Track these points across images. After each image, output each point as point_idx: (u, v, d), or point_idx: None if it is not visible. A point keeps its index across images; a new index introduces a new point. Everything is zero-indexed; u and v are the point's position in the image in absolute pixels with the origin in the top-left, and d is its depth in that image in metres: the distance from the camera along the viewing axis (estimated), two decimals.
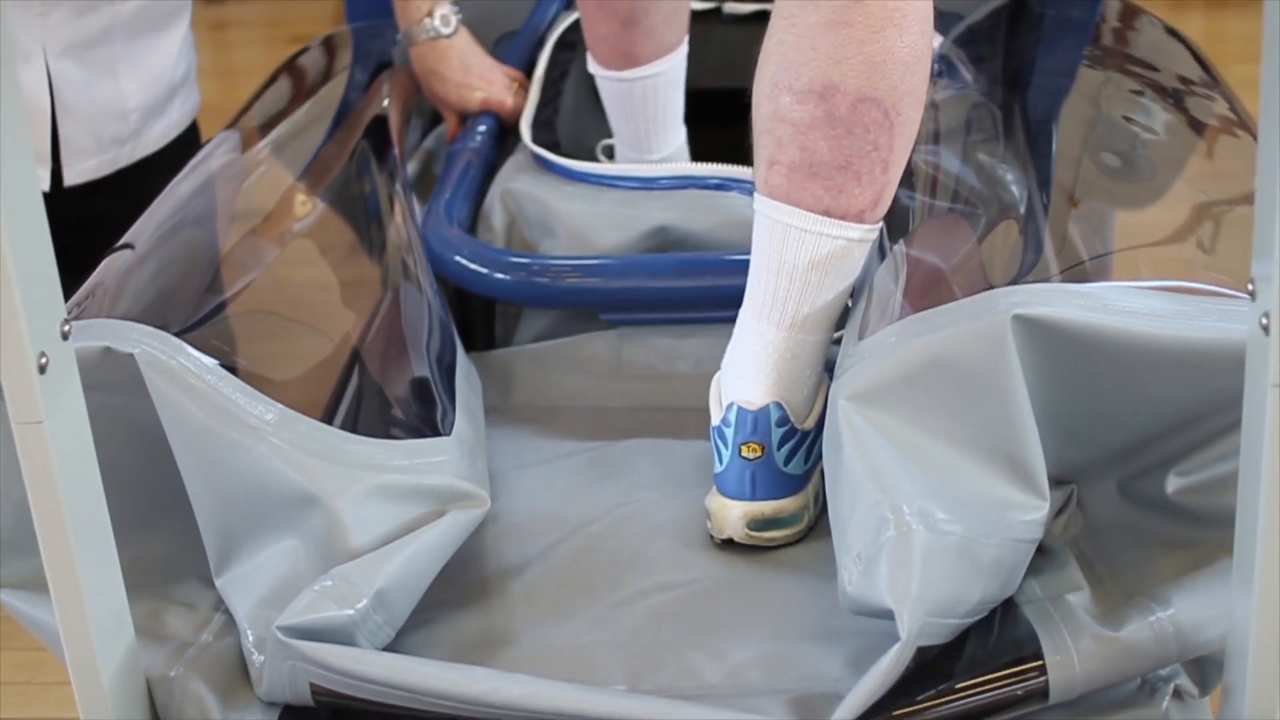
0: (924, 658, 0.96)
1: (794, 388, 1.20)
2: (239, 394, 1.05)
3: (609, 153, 1.74)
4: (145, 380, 1.03)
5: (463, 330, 1.51)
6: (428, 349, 1.27)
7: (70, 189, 1.77)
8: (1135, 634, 0.98)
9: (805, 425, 1.20)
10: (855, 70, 1.20)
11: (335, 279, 1.33)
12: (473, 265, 1.46)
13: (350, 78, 1.77)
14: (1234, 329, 0.93)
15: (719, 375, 1.24)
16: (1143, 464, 1.04)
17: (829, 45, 1.21)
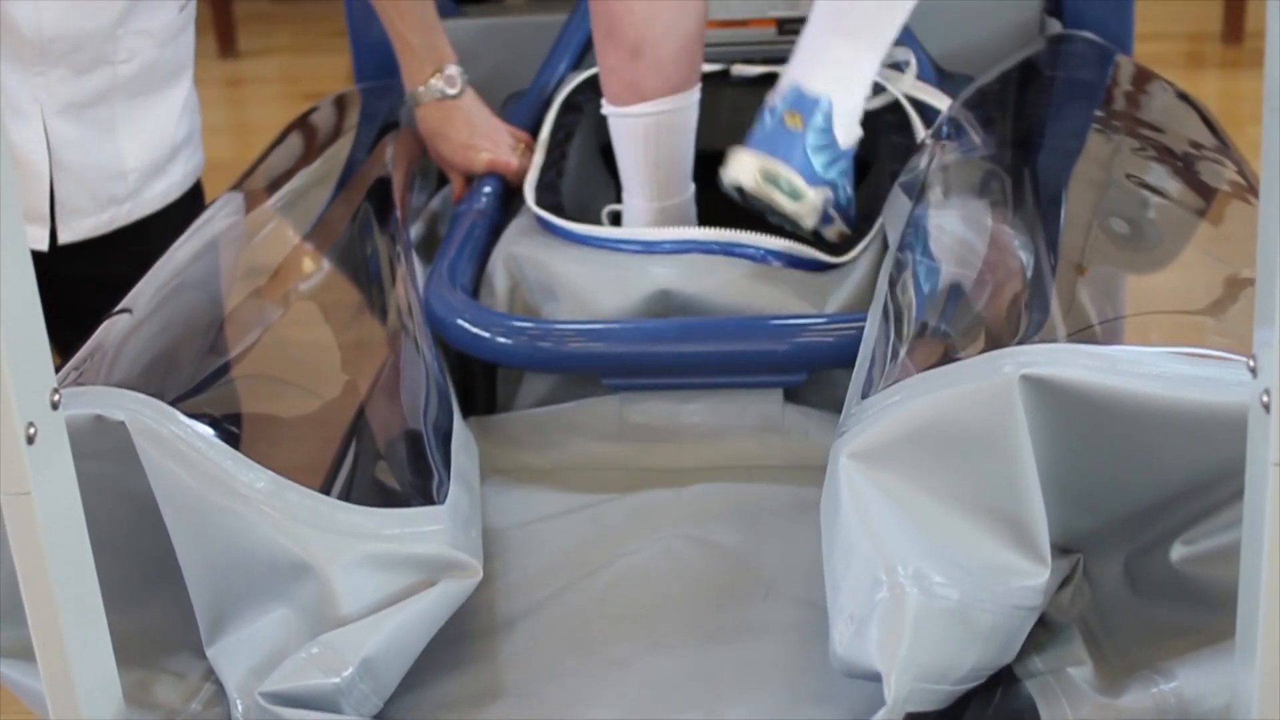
0: None
1: (845, 99, 1.52)
2: (230, 461, 1.04)
3: (614, 218, 1.74)
4: (136, 448, 1.02)
5: (464, 394, 1.51)
6: (424, 415, 1.27)
7: (73, 248, 1.77)
8: (1136, 703, 0.97)
9: (841, 145, 1.50)
10: None
11: (334, 344, 1.33)
12: (474, 329, 1.45)
13: (356, 139, 1.77)
14: (1243, 394, 0.92)
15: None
16: (1151, 535, 1.03)
17: None
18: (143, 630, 1.07)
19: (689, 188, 1.71)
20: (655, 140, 1.66)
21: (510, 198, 1.73)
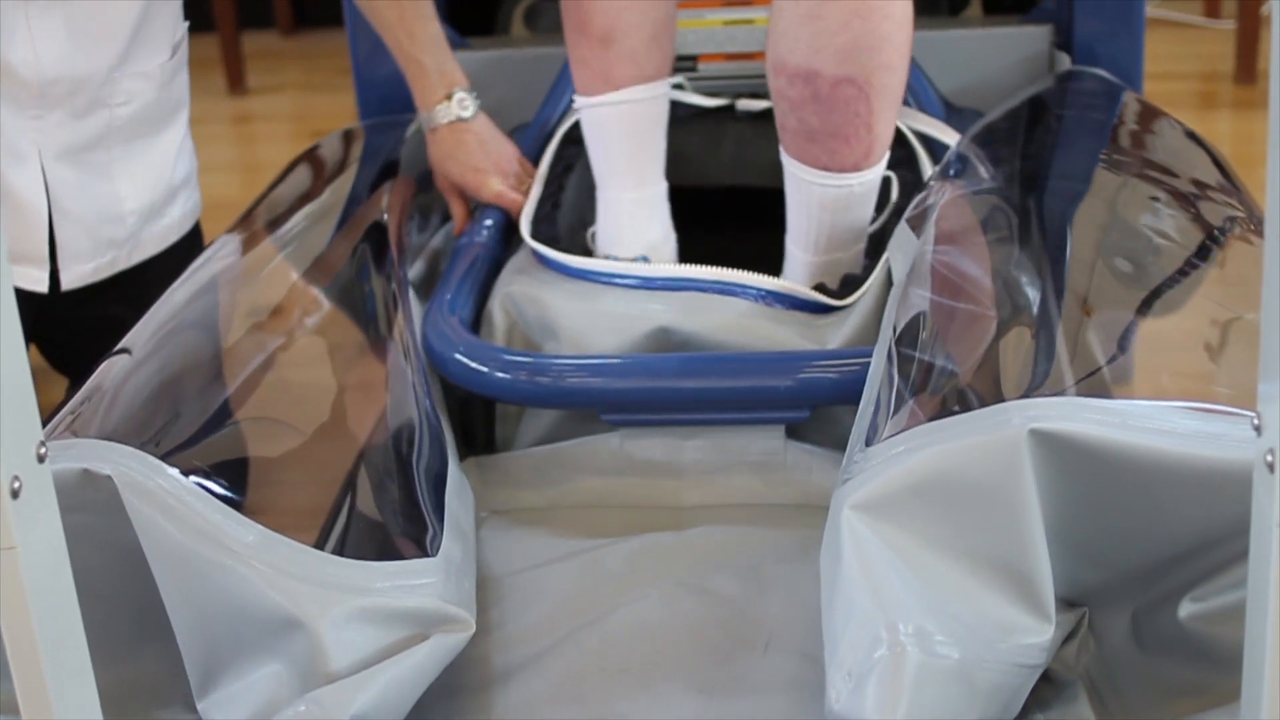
0: None
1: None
2: (219, 515, 1.03)
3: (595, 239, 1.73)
4: (124, 502, 1.01)
5: (463, 433, 1.49)
6: (417, 464, 1.25)
7: (70, 293, 1.77)
8: None
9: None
10: (830, 58, 1.48)
11: (328, 390, 1.32)
12: (473, 364, 1.44)
13: (357, 175, 1.76)
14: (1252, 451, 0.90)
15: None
16: (1158, 591, 1.01)
17: (807, 36, 1.48)
18: (134, 684, 1.06)
19: (662, 181, 1.71)
20: (628, 129, 1.66)
21: (512, 231, 1.72)
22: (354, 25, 2.02)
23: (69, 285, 1.77)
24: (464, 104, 1.74)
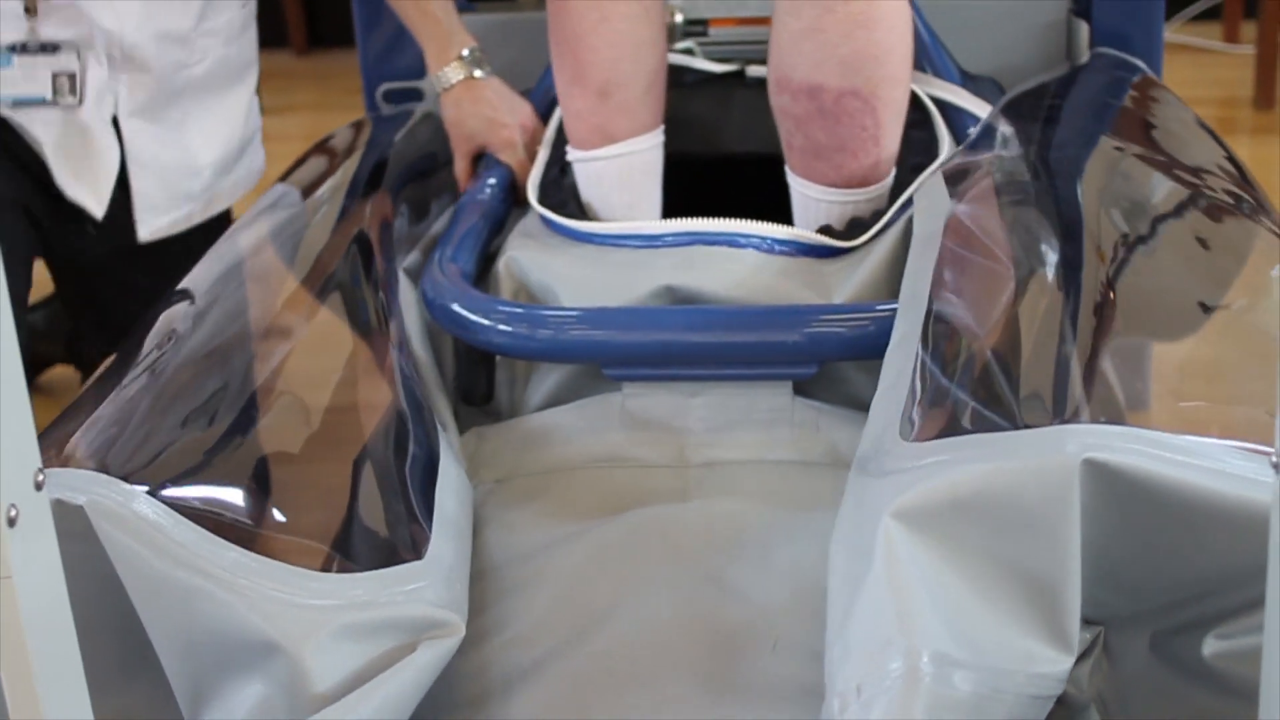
0: None
1: None
2: (194, 538, 1.01)
3: None
4: (97, 530, 1.00)
5: (464, 394, 1.47)
6: (404, 465, 1.23)
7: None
8: None
9: None
10: (834, 70, 1.46)
11: (309, 396, 1.29)
12: (473, 316, 1.42)
13: (361, 160, 1.80)
14: None
15: None
16: (1181, 620, 0.99)
17: (810, 50, 1.47)
18: (128, 712, 1.04)
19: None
20: (625, 181, 1.65)
21: (515, 190, 1.73)
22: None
23: (145, 237, 1.85)
24: (479, 61, 1.78)
